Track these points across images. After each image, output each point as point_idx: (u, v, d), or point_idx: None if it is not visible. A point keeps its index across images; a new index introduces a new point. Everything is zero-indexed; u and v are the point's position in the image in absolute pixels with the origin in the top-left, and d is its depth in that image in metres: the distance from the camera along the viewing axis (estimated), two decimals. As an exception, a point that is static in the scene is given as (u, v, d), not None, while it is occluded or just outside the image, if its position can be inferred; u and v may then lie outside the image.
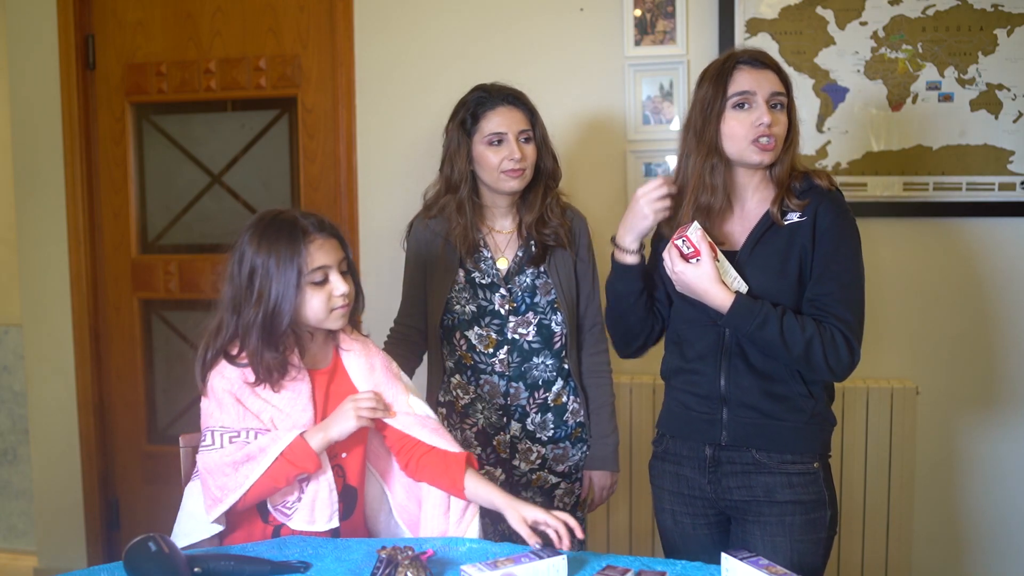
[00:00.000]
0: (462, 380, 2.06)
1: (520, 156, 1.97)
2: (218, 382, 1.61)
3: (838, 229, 1.63)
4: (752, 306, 1.59)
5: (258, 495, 1.58)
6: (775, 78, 1.66)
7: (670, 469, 1.78)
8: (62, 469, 3.11)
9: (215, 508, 1.57)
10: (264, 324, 1.57)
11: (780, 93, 1.65)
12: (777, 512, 1.66)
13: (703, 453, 1.72)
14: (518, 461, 2.07)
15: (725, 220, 1.72)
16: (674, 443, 1.77)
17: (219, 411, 1.60)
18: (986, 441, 2.57)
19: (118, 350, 3.10)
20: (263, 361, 1.59)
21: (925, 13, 2.47)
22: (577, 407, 2.09)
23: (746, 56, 1.67)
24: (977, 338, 2.56)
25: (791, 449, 1.66)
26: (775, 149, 1.65)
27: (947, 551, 2.62)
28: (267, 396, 1.61)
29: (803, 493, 1.66)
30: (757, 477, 1.67)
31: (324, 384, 1.68)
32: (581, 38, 2.66)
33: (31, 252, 3.10)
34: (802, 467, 1.66)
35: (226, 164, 3.01)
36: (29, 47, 3.02)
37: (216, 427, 1.59)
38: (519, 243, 2.05)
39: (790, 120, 1.67)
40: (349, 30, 2.80)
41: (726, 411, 1.68)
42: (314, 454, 1.56)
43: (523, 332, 2.03)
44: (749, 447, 1.67)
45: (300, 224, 1.59)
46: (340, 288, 1.61)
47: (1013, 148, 2.47)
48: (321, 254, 1.59)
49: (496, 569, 1.37)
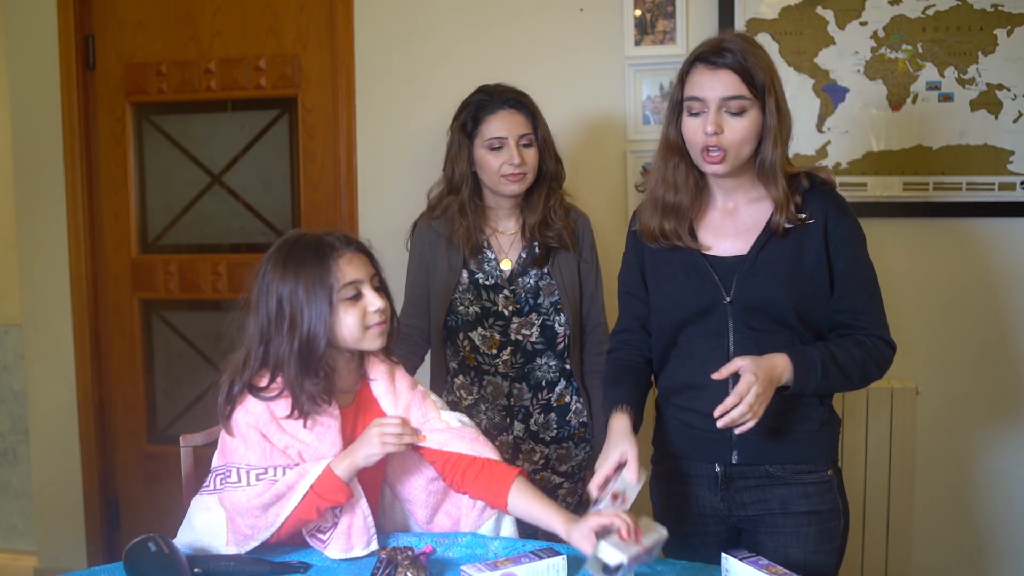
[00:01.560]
0: (465, 381, 2.06)
1: (519, 161, 1.97)
2: (242, 417, 1.53)
3: (854, 237, 1.58)
4: (807, 362, 1.51)
5: (290, 530, 1.52)
6: (732, 80, 1.51)
7: (676, 489, 1.68)
8: (62, 469, 3.11)
9: (246, 544, 1.51)
10: (301, 352, 1.50)
11: (736, 97, 1.51)
12: (792, 523, 1.60)
13: (712, 471, 1.63)
14: (521, 462, 2.07)
15: (713, 223, 1.63)
16: (678, 463, 1.68)
17: (244, 447, 1.53)
18: (986, 441, 2.57)
19: (118, 350, 3.10)
20: (304, 390, 1.51)
21: (925, 13, 2.47)
22: (580, 407, 2.09)
23: (706, 52, 1.54)
24: (977, 338, 2.55)
25: (805, 459, 1.61)
26: (725, 159, 1.53)
27: (947, 551, 2.61)
28: (293, 431, 1.54)
29: (819, 503, 1.61)
30: (772, 490, 1.61)
31: (351, 416, 1.62)
32: (581, 38, 2.66)
33: (31, 252, 3.10)
34: (817, 476, 1.61)
35: (226, 164, 3.00)
36: (29, 47, 3.02)
37: (242, 464, 1.52)
38: (523, 244, 2.06)
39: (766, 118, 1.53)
40: (349, 30, 2.80)
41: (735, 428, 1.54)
42: (344, 485, 1.49)
43: (526, 333, 2.03)
44: (762, 463, 1.61)
45: (325, 241, 1.53)
46: (375, 303, 1.53)
47: (1013, 148, 2.47)
48: (351, 268, 1.52)
49: (496, 569, 1.37)
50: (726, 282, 1.58)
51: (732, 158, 1.54)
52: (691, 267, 1.61)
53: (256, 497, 1.48)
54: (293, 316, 1.49)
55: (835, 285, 1.57)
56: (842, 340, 1.57)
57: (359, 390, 1.64)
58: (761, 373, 1.45)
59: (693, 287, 1.61)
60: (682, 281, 1.62)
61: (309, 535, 1.57)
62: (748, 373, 1.44)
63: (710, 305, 1.59)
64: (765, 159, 1.55)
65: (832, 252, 1.57)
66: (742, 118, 1.52)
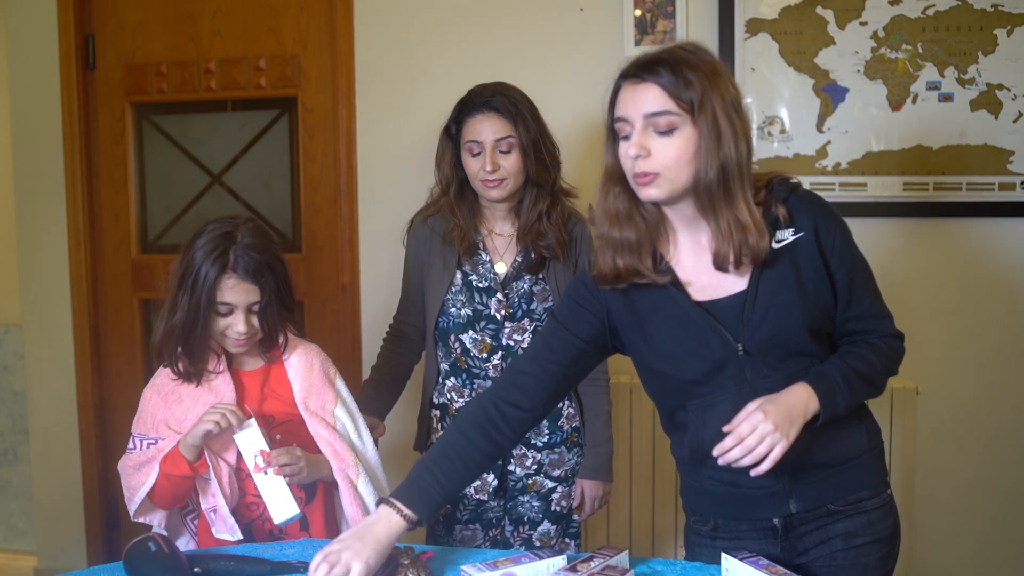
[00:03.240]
0: (456, 383, 2.04)
1: (492, 167, 1.91)
2: (147, 391, 1.77)
3: (844, 239, 1.44)
4: (828, 384, 1.37)
5: (167, 501, 1.71)
6: (657, 93, 1.33)
7: (725, 546, 1.47)
8: (62, 469, 3.11)
9: (131, 504, 1.72)
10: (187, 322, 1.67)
11: (661, 113, 1.32)
12: (854, 556, 1.46)
13: (769, 524, 1.46)
14: (513, 466, 2.05)
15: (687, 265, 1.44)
16: (727, 523, 1.50)
17: (139, 417, 1.76)
18: (986, 441, 2.57)
19: (118, 350, 3.10)
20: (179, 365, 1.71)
21: (925, 13, 2.47)
22: (572, 412, 2.07)
23: (631, 67, 1.38)
24: (978, 338, 2.55)
25: (865, 486, 1.48)
26: (656, 183, 1.34)
27: (947, 551, 2.61)
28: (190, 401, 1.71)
29: (882, 528, 1.49)
30: (835, 526, 1.46)
31: (258, 383, 1.76)
32: (581, 38, 2.66)
33: (31, 252, 3.09)
34: (879, 499, 1.49)
35: (226, 164, 3.00)
36: (29, 47, 3.02)
37: (136, 433, 1.75)
38: (518, 248, 2.02)
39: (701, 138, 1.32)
40: (349, 30, 2.80)
41: (788, 477, 1.42)
42: (181, 458, 1.64)
43: (518, 339, 2.01)
44: (824, 504, 1.45)
45: (228, 258, 1.66)
46: (238, 328, 1.68)
47: (1013, 148, 2.47)
48: (231, 293, 1.66)
49: (496, 569, 1.37)
50: (731, 328, 1.40)
51: (666, 182, 1.34)
52: (685, 319, 1.41)
53: (130, 461, 1.72)
54: (195, 289, 1.66)
55: (839, 295, 1.43)
56: (855, 348, 1.45)
57: (272, 363, 1.79)
58: (772, 409, 1.31)
59: (695, 340, 1.41)
60: (679, 335, 1.42)
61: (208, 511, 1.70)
62: (755, 413, 1.31)
63: (722, 361, 1.40)
64: (699, 183, 1.34)
65: (830, 261, 1.42)
66: (672, 137, 1.33)
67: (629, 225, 1.41)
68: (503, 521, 2.10)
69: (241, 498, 1.71)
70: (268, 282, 1.68)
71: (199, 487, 1.70)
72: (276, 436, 1.72)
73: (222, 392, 1.71)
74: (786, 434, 1.31)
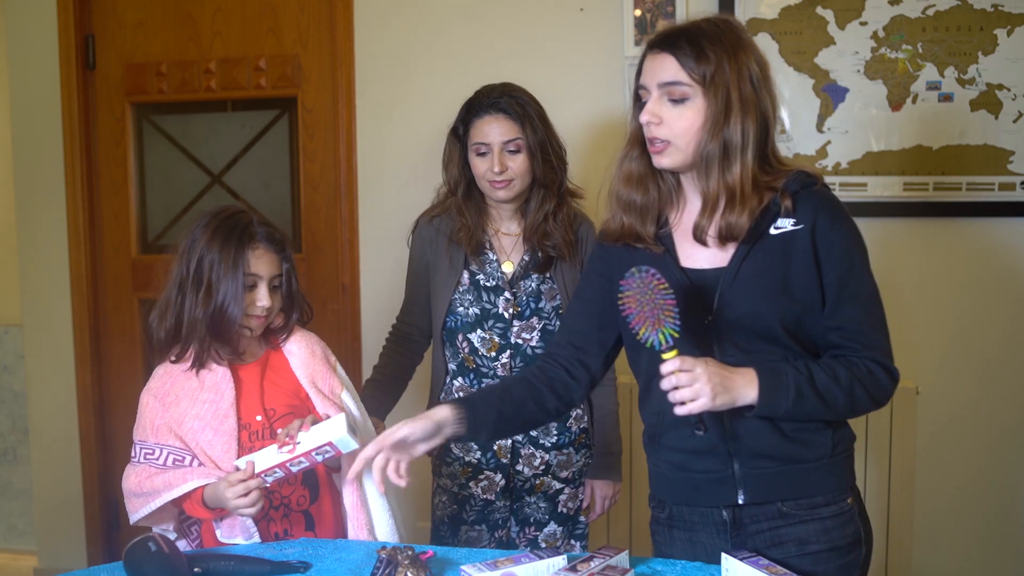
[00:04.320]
0: (464, 383, 2.05)
1: (500, 168, 1.93)
2: (143, 397, 1.72)
3: (848, 245, 1.40)
4: (777, 381, 1.34)
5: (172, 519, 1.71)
6: (670, 64, 1.37)
7: (681, 536, 1.50)
8: (62, 469, 3.11)
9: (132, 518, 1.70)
10: (213, 319, 1.64)
11: (673, 83, 1.37)
12: (809, 563, 1.41)
13: (719, 517, 1.45)
14: (521, 466, 2.06)
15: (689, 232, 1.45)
16: (680, 509, 1.50)
17: (141, 426, 1.70)
18: (986, 441, 2.57)
19: (118, 350, 3.10)
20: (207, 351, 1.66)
21: (925, 13, 2.47)
22: (580, 413, 2.07)
23: (656, 37, 1.42)
24: (978, 338, 2.55)
25: (820, 490, 1.43)
26: (667, 152, 1.39)
27: (947, 551, 2.61)
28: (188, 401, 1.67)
29: (839, 537, 1.43)
30: (788, 530, 1.42)
31: (257, 376, 1.73)
32: (581, 38, 2.66)
33: (31, 252, 3.10)
34: (836, 508, 1.43)
35: (226, 164, 3.01)
36: (29, 47, 3.02)
37: (138, 440, 1.70)
38: (525, 248, 2.03)
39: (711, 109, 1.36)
40: (349, 30, 2.80)
41: (737, 464, 1.42)
42: (207, 512, 1.61)
43: (527, 337, 2.02)
44: (773, 500, 1.43)
45: (251, 229, 1.67)
46: (262, 301, 1.66)
47: (1013, 148, 2.47)
48: (258, 263, 1.66)
49: (496, 569, 1.37)
50: (707, 298, 1.41)
51: (677, 151, 1.39)
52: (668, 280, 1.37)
53: (134, 478, 1.66)
54: (210, 283, 1.63)
55: (826, 298, 1.39)
56: (831, 361, 1.39)
57: (268, 352, 1.76)
58: (715, 371, 1.31)
59: None
60: None
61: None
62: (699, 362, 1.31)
63: (691, 325, 1.37)
64: (700, 151, 1.38)
65: (821, 261, 1.39)
66: (683, 106, 1.38)
67: (640, 189, 1.47)
68: (509, 522, 2.10)
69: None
70: (288, 256, 1.71)
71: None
72: (278, 431, 1.70)
73: (221, 390, 1.67)
74: (712, 397, 1.30)
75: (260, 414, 1.70)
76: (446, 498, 2.09)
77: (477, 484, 2.05)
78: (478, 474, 2.05)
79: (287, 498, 1.71)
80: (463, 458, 2.05)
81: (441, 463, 2.09)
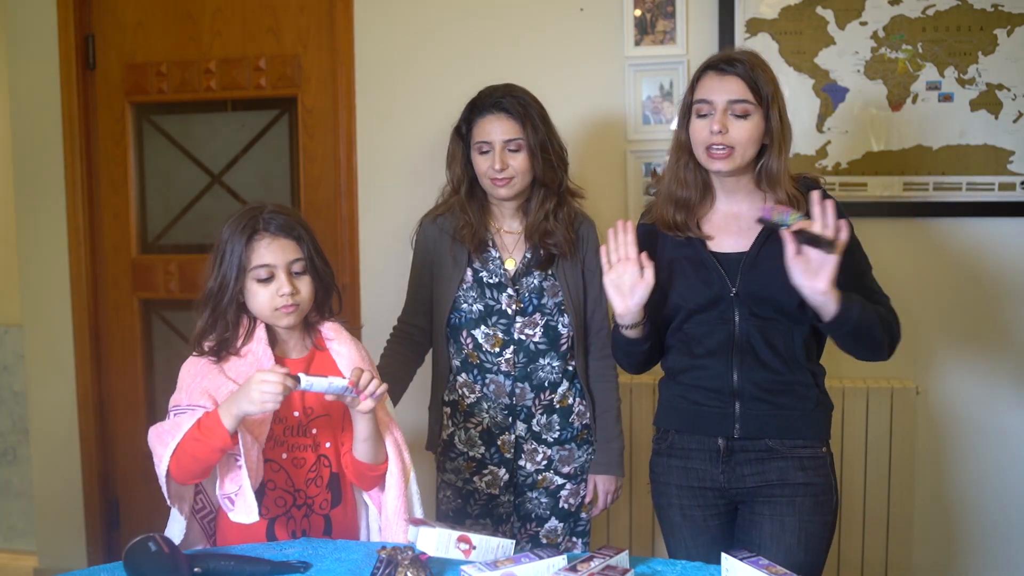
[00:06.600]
0: (468, 379, 2.06)
1: (501, 167, 1.96)
2: (185, 367, 1.68)
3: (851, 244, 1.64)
4: (851, 297, 1.63)
5: (189, 471, 1.55)
6: (739, 85, 1.67)
7: (677, 464, 1.80)
8: (62, 469, 3.11)
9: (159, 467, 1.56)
10: (214, 299, 1.65)
11: (741, 100, 1.67)
12: (788, 493, 1.71)
13: (715, 445, 1.75)
14: (524, 461, 2.07)
15: (717, 223, 1.78)
16: (681, 438, 1.80)
17: (180, 392, 1.65)
18: (986, 441, 2.57)
19: (118, 350, 3.10)
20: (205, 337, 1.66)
21: (925, 13, 2.47)
22: (583, 409, 2.09)
23: (716, 61, 1.72)
24: (977, 338, 2.55)
25: (802, 435, 1.73)
26: (730, 157, 1.68)
27: (947, 551, 2.62)
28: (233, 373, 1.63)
29: (814, 476, 1.72)
30: (771, 463, 1.72)
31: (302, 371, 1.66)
32: (581, 38, 2.66)
33: (31, 252, 3.10)
34: (812, 451, 1.74)
35: (226, 164, 3.00)
36: (29, 47, 3.02)
37: (174, 407, 1.62)
38: (527, 245, 2.06)
39: (769, 125, 1.69)
40: (349, 30, 2.80)
41: (739, 405, 1.73)
42: (223, 428, 1.50)
43: (529, 333, 2.04)
44: (762, 436, 1.73)
45: (258, 221, 1.63)
46: (283, 288, 1.62)
47: (1013, 148, 2.47)
48: (267, 253, 1.62)
49: (496, 569, 1.37)
50: (731, 275, 1.73)
51: (737, 156, 1.69)
52: (699, 262, 1.75)
53: (161, 426, 1.59)
54: (220, 267, 1.64)
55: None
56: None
57: (314, 351, 1.73)
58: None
59: (701, 280, 1.74)
60: (691, 275, 1.76)
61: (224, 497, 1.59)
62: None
63: (718, 296, 1.73)
64: (771, 167, 1.71)
65: None
66: (746, 121, 1.68)
67: (690, 188, 1.77)
68: (511, 517, 2.11)
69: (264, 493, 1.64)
70: (304, 236, 1.66)
71: (219, 470, 1.59)
72: (312, 430, 1.67)
73: (262, 362, 1.64)
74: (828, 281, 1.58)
75: (299, 411, 1.67)
76: (450, 493, 2.11)
77: (481, 479, 2.07)
78: (482, 469, 2.06)
79: (311, 499, 1.69)
80: (467, 453, 2.07)
81: (445, 459, 2.11)
